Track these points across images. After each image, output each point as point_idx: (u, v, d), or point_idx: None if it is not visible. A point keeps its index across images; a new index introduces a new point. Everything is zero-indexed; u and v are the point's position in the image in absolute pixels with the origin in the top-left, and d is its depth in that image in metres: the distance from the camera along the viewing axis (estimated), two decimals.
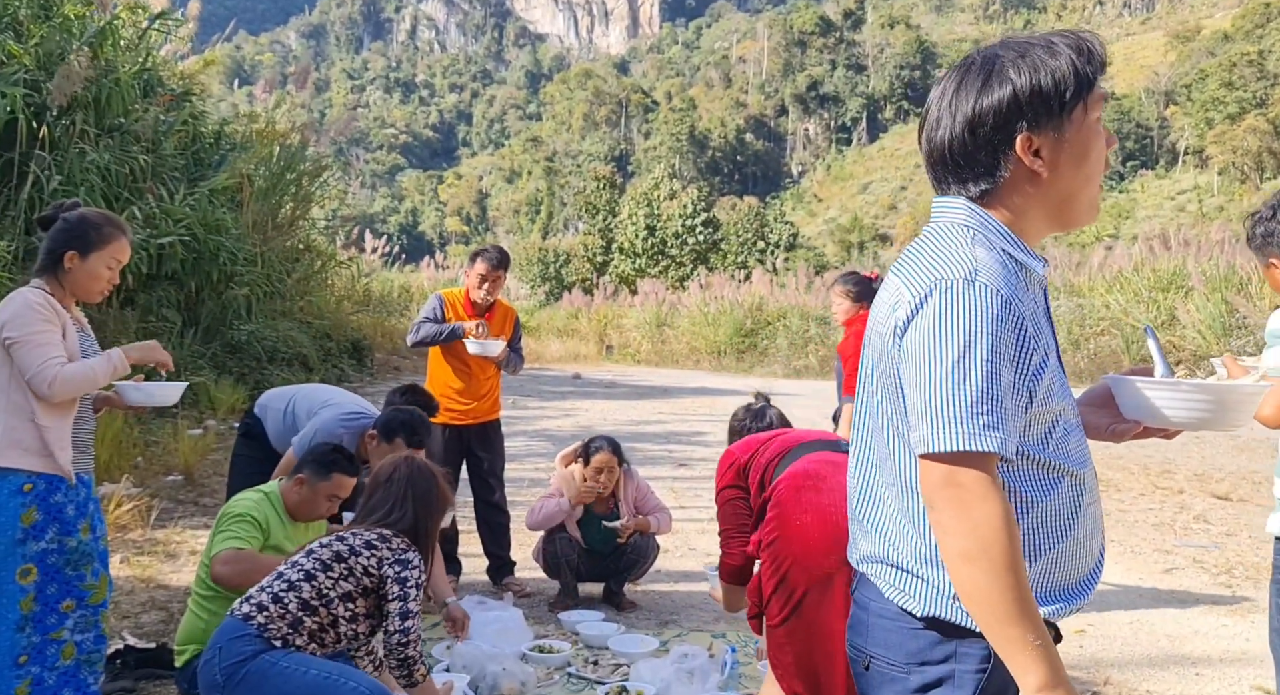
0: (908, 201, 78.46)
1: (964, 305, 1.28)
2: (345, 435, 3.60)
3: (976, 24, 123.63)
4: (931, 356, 1.28)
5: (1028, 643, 1.23)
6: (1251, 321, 12.61)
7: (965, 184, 1.40)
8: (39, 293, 2.65)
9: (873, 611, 1.45)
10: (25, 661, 2.59)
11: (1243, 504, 6.72)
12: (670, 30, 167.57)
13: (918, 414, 1.30)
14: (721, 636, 3.99)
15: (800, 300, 21.96)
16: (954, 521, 1.26)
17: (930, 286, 1.31)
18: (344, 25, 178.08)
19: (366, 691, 2.59)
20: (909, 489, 1.39)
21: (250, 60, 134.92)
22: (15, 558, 2.56)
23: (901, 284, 1.36)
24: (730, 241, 31.43)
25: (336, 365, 12.09)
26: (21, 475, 2.57)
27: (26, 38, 7.96)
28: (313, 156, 11.98)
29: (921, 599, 1.38)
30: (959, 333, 1.27)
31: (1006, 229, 1.39)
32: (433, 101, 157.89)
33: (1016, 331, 1.30)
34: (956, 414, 1.25)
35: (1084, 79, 1.35)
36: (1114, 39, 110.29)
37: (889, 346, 1.37)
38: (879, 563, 1.45)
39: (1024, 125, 1.35)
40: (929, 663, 1.38)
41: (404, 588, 2.65)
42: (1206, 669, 3.80)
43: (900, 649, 1.41)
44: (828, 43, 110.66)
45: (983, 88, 1.36)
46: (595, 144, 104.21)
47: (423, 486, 2.86)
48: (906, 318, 1.32)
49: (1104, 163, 1.41)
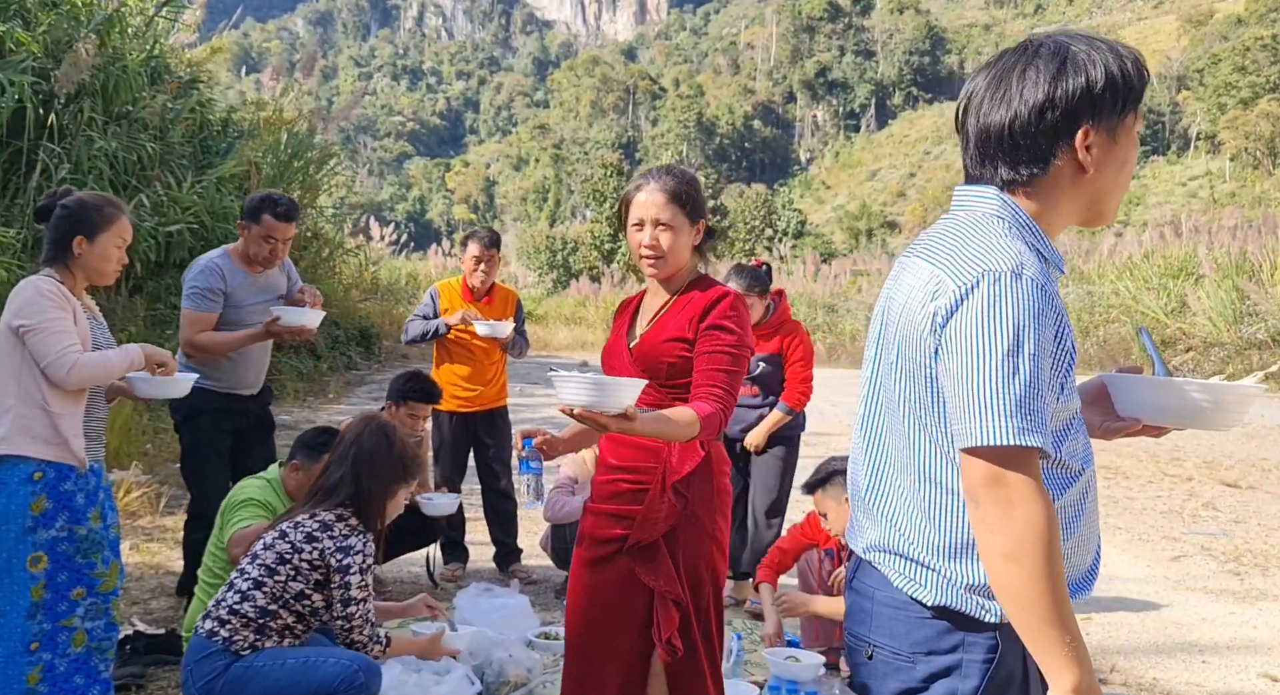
0: (916, 188, 78.07)
1: (1013, 298, 1.27)
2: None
3: (986, 9, 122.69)
4: (981, 350, 1.27)
5: (1064, 644, 1.24)
6: (1263, 308, 12.53)
7: (1015, 168, 1.39)
8: (50, 280, 2.66)
9: (878, 600, 1.44)
10: (37, 648, 2.60)
11: (1252, 491, 6.70)
12: (678, 16, 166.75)
13: (963, 408, 1.28)
14: (727, 623, 3.99)
15: (808, 288, 21.93)
16: (998, 520, 1.25)
17: (977, 278, 1.29)
18: (351, 12, 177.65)
19: (347, 663, 2.61)
20: (927, 480, 1.39)
21: (257, 47, 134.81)
22: (26, 545, 2.57)
23: (941, 272, 1.34)
24: (738, 228, 31.37)
25: (344, 353, 12.12)
26: (31, 464, 2.57)
27: (34, 25, 7.96)
28: (320, 144, 11.96)
29: (932, 589, 1.38)
30: (1009, 326, 1.26)
31: (1034, 222, 1.39)
32: (440, 89, 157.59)
33: (1056, 326, 1.30)
34: (1007, 409, 1.24)
35: (1136, 87, 1.38)
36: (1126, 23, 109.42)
37: (922, 334, 1.34)
38: (886, 552, 1.44)
39: (1088, 118, 1.36)
40: (936, 652, 1.38)
41: (345, 576, 2.64)
42: (1214, 656, 3.79)
43: (906, 638, 1.40)
44: (836, 28, 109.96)
45: (1057, 73, 1.35)
46: (603, 131, 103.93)
47: (369, 446, 2.79)
48: (949, 308, 1.30)
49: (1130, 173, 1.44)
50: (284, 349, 10.12)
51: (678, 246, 2.33)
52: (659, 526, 2.28)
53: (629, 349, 2.38)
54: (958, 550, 1.37)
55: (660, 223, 2.31)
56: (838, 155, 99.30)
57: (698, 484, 2.32)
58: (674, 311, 2.36)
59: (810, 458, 4.11)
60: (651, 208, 2.32)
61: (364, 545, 2.71)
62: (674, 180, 2.35)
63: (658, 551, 2.29)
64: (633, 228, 2.36)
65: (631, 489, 2.33)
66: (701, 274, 2.46)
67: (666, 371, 2.29)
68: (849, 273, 23.94)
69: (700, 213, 2.38)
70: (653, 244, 2.32)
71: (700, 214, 2.38)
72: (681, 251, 2.35)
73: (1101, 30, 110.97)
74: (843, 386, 14.42)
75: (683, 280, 2.41)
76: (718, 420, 2.18)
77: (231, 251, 3.79)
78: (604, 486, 2.41)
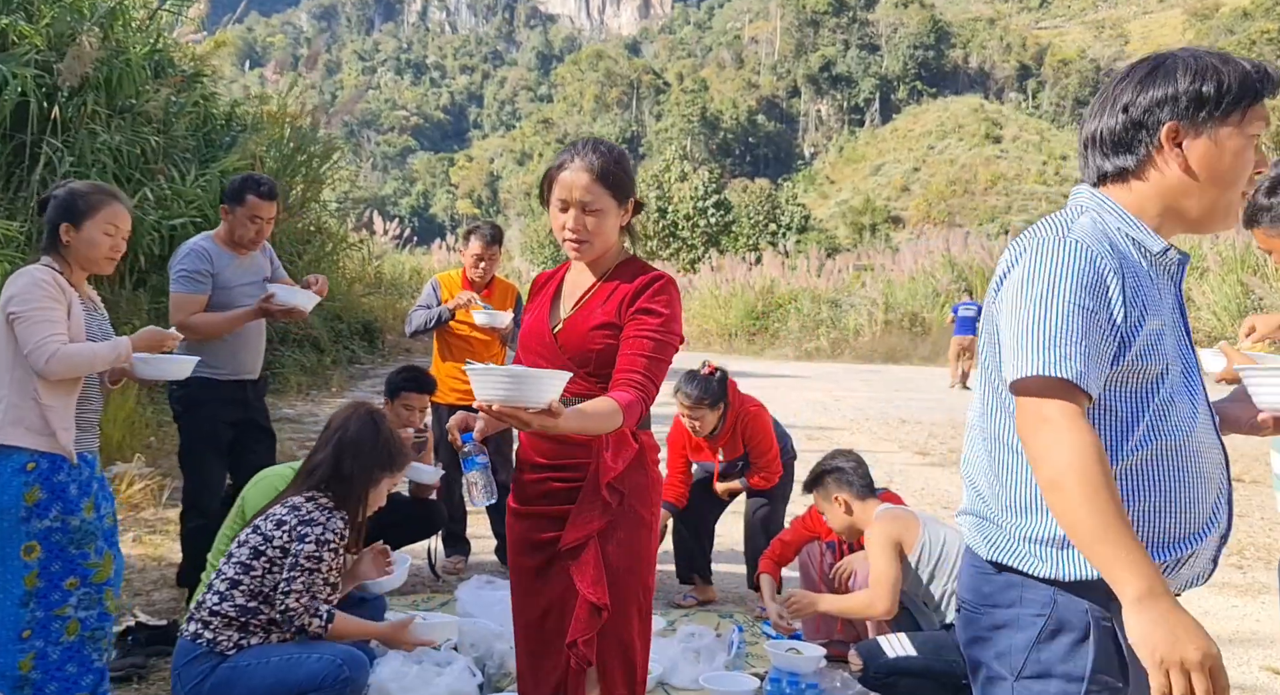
0: (920, 183, 77.88)
1: (1053, 254, 1.39)
2: None
3: (991, 3, 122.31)
4: (1019, 295, 1.40)
5: (1119, 559, 1.29)
6: (1267, 302, 12.50)
7: (1107, 158, 1.49)
8: (47, 270, 2.66)
9: (966, 559, 1.58)
10: (29, 636, 2.61)
11: (1255, 486, 6.69)
12: (682, 10, 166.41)
13: (1009, 350, 1.40)
14: (729, 617, 4.00)
15: (811, 283, 21.90)
16: (1042, 452, 1.34)
17: (1026, 246, 1.44)
18: (355, 6, 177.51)
19: (331, 657, 2.59)
20: (994, 439, 1.50)
21: (262, 41, 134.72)
22: (20, 535, 2.57)
23: (1009, 251, 1.49)
24: (742, 223, 31.34)
25: (348, 347, 12.14)
26: (24, 454, 2.57)
27: (37, 19, 7.96)
28: (324, 138, 11.96)
29: (992, 543, 1.49)
30: (1045, 275, 1.38)
31: (1125, 211, 1.48)
32: (444, 83, 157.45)
33: (1108, 282, 1.38)
34: (1038, 345, 1.35)
35: (1250, 89, 1.42)
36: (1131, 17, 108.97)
37: (990, 301, 1.50)
38: (965, 513, 1.57)
39: (1176, 116, 1.42)
40: (998, 606, 1.48)
41: (299, 544, 2.61)
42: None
43: (977, 592, 1.52)
44: (841, 22, 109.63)
45: (1148, 75, 1.46)
46: (606, 126, 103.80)
47: (354, 431, 2.78)
48: (1004, 272, 1.47)
49: (1248, 177, 1.46)
50: (287, 342, 10.14)
51: (604, 229, 2.17)
52: (592, 525, 2.15)
53: (553, 334, 2.22)
54: (1012, 504, 1.46)
55: (585, 205, 2.14)
56: (842, 150, 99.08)
57: (633, 478, 2.20)
58: (601, 296, 2.21)
59: (814, 452, 4.09)
60: (576, 189, 2.14)
61: (328, 521, 2.66)
62: (600, 158, 2.15)
63: (588, 552, 2.15)
64: (556, 208, 2.18)
65: (565, 488, 2.20)
66: (630, 255, 2.31)
67: (595, 360, 2.16)
68: (853, 267, 23.91)
69: (628, 191, 2.21)
70: (576, 228, 2.16)
71: (628, 192, 2.21)
72: (609, 234, 2.19)
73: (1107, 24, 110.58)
74: (846, 382, 14.40)
75: (610, 263, 2.25)
76: (639, 409, 2.07)
77: (215, 236, 3.81)
78: (532, 486, 2.25)
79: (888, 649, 2.99)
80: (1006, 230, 33.85)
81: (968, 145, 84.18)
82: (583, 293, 2.25)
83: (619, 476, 2.17)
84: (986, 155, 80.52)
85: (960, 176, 76.73)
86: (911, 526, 3.19)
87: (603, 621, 2.14)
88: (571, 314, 2.23)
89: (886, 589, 3.08)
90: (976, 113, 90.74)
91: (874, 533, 3.18)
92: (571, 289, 2.28)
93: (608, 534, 2.16)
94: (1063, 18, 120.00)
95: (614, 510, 2.16)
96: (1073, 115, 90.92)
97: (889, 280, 20.60)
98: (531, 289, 2.41)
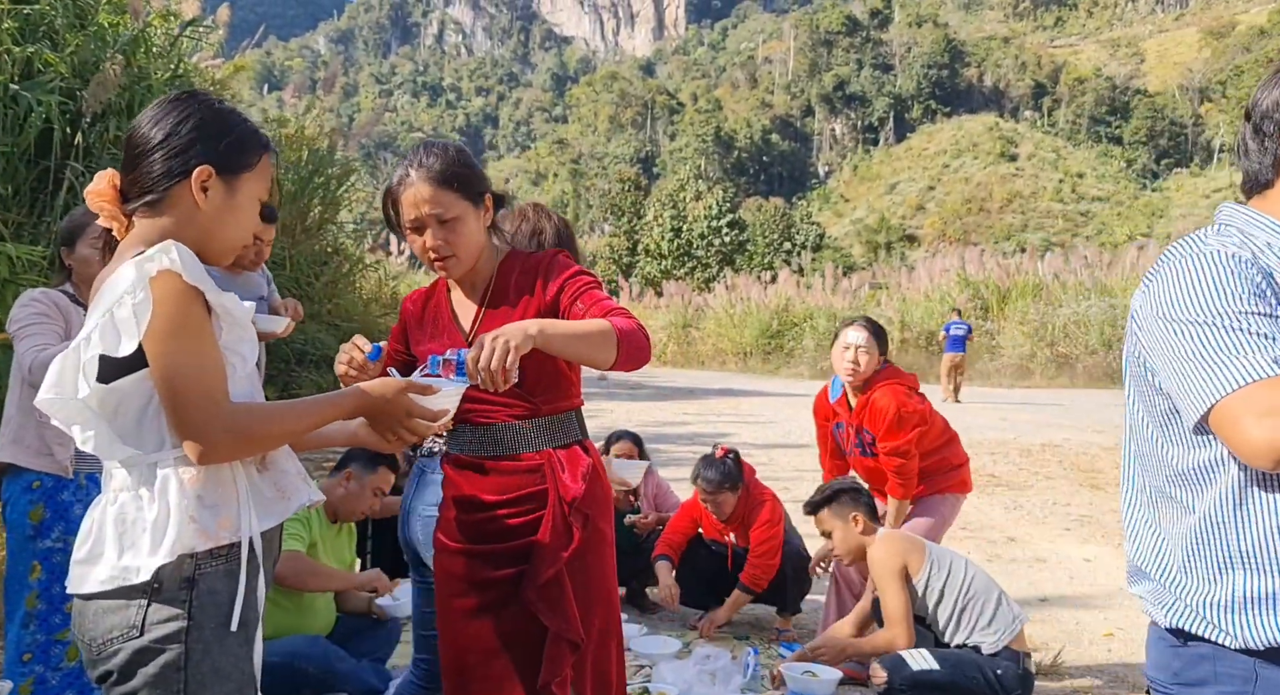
0: (935, 201, 77.85)
1: (1192, 262, 1.26)
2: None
3: (1006, 21, 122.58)
4: (1164, 316, 1.25)
5: None
6: None
7: (1246, 170, 1.40)
8: (43, 290, 2.70)
9: (1150, 633, 1.38)
10: (29, 660, 2.58)
11: None
12: (696, 32, 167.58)
13: (1175, 386, 1.23)
14: (745, 638, 3.98)
15: (827, 301, 21.88)
16: (1255, 451, 1.14)
17: (1159, 267, 1.31)
18: (372, 30, 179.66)
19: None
20: (1154, 491, 1.33)
21: (280, 65, 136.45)
22: (28, 553, 2.58)
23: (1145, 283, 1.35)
24: (756, 242, 31.39)
25: None
26: (30, 473, 2.59)
27: (62, 47, 8.10)
28: (341, 160, 12.09)
29: (1170, 610, 1.29)
30: (1189, 287, 1.24)
31: (1265, 214, 1.33)
32: (459, 105, 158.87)
33: (1259, 279, 1.23)
34: (1218, 361, 1.18)
35: None
36: (1147, 35, 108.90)
37: (1130, 337, 1.35)
38: (1134, 574, 1.38)
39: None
40: (1188, 684, 1.28)
41: None
42: None
43: (1166, 669, 1.32)
44: (854, 42, 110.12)
45: (1268, 81, 1.38)
46: (621, 146, 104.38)
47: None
48: (1139, 301, 1.32)
49: None
50: (304, 363, 10.22)
51: (467, 238, 1.92)
52: (561, 556, 1.92)
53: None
54: (1184, 565, 1.28)
55: (438, 217, 1.90)
56: (856, 168, 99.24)
57: (591, 493, 1.98)
58: (500, 297, 1.98)
59: (818, 470, 4.05)
60: (423, 204, 1.89)
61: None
62: (438, 160, 1.91)
63: (559, 586, 1.92)
64: (409, 231, 1.93)
65: (525, 522, 1.95)
66: (508, 250, 2.05)
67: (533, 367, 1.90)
68: (868, 285, 23.89)
69: (480, 186, 1.95)
70: (436, 246, 1.92)
71: (481, 188, 1.95)
72: (473, 241, 1.94)
73: (1122, 42, 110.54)
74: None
75: (490, 266, 2.01)
76: (639, 338, 1.83)
77: None
78: (482, 525, 1.97)
79: (911, 662, 3.00)
80: (1023, 248, 33.75)
81: (983, 163, 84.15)
82: (476, 310, 2.02)
83: (582, 496, 1.96)
84: (1002, 173, 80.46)
85: (975, 194, 76.68)
86: (915, 548, 3.21)
87: (575, 658, 1.94)
88: (481, 327, 1.98)
89: (904, 624, 3.12)
90: (991, 131, 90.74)
91: (879, 560, 3.19)
92: (463, 309, 2.04)
93: (576, 562, 1.95)
94: (1078, 36, 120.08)
95: (583, 533, 1.95)
96: (1088, 133, 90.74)
97: (904, 298, 20.55)
98: (407, 317, 2.15)
